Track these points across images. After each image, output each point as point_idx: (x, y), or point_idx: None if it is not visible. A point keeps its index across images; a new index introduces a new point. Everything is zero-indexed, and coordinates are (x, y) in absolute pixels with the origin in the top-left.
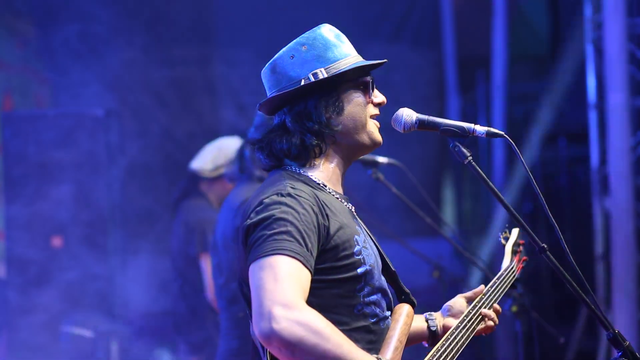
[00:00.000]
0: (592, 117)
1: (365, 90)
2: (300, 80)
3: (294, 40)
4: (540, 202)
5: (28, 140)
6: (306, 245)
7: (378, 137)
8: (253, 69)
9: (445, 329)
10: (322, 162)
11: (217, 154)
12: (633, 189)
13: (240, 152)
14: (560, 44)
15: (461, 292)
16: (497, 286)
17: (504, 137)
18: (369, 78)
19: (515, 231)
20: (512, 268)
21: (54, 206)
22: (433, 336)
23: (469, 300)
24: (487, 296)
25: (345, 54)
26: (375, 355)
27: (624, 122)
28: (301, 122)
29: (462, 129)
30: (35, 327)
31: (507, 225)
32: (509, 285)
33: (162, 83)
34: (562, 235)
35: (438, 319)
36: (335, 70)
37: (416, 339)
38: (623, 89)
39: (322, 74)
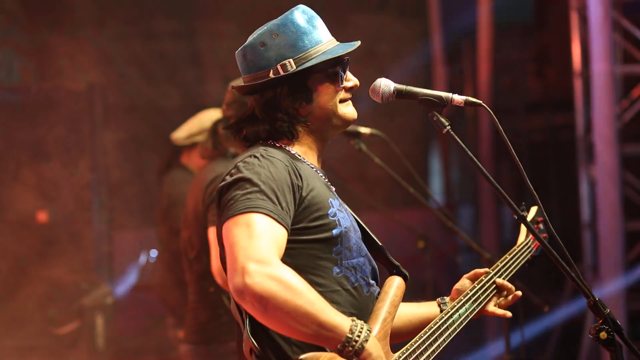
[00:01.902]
0: (577, 85)
1: (335, 80)
2: (270, 71)
3: (266, 26)
4: (527, 172)
5: (13, 115)
6: (280, 203)
7: (350, 116)
8: (238, 42)
9: None
10: (296, 141)
11: (193, 123)
12: (619, 156)
13: (214, 129)
14: (544, 12)
15: (448, 263)
16: (507, 262)
17: (482, 105)
18: (338, 68)
19: (533, 209)
20: (527, 244)
21: (39, 180)
22: None
23: (472, 279)
24: (495, 271)
25: (316, 41)
26: (351, 317)
27: (609, 90)
28: (270, 111)
29: (440, 98)
30: (24, 304)
31: (523, 203)
32: (522, 261)
33: (148, 56)
34: (548, 204)
35: (450, 303)
36: (304, 62)
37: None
38: (608, 57)
39: (291, 65)
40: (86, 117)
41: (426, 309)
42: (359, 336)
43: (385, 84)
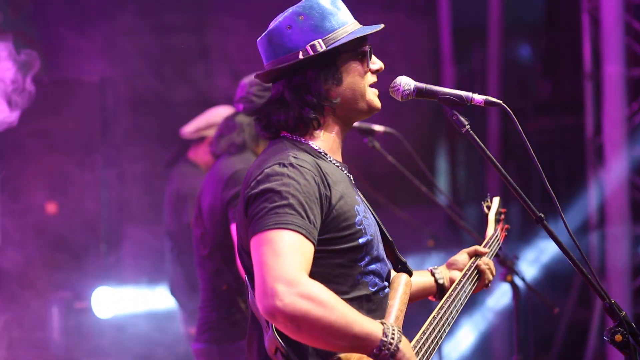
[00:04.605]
0: (588, 87)
1: (364, 60)
2: (298, 53)
3: (290, 9)
4: (538, 172)
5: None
6: (308, 217)
7: (377, 104)
8: (248, 37)
9: (452, 282)
10: (321, 131)
11: (202, 118)
12: (628, 159)
13: (233, 122)
14: (555, 13)
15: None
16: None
17: (502, 106)
18: (367, 47)
19: (496, 200)
20: (496, 236)
21: (47, 172)
22: (441, 289)
23: (472, 255)
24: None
25: (342, 22)
26: (380, 320)
27: (619, 92)
28: (300, 95)
29: (460, 97)
30: (30, 297)
31: (488, 194)
32: (494, 253)
33: (157, 50)
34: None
35: (444, 272)
36: (333, 42)
37: (424, 294)
38: (619, 60)
39: (320, 46)
40: (95, 110)
41: (420, 277)
42: (392, 338)
43: (406, 82)
